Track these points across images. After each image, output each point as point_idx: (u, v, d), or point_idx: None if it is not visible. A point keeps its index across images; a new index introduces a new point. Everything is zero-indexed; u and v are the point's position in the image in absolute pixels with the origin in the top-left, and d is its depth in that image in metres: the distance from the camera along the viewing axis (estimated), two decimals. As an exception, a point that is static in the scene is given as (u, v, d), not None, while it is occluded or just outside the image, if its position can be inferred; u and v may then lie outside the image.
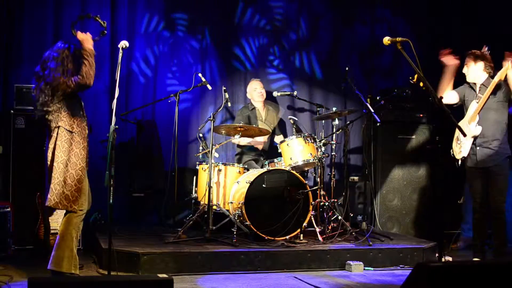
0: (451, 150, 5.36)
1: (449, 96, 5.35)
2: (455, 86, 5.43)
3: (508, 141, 5.24)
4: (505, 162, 5.20)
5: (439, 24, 7.49)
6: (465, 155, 5.21)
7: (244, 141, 6.38)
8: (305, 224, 5.51)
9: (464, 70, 5.34)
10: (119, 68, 4.17)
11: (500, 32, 6.95)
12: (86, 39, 4.35)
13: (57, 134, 4.26)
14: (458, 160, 5.29)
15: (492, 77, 5.20)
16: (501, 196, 5.19)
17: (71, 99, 4.31)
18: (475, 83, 5.31)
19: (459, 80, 5.44)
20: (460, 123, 5.26)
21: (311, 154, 5.73)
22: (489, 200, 5.24)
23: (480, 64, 5.25)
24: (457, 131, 5.20)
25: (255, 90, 6.53)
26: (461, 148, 5.23)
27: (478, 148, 5.17)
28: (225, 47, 7.04)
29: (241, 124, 5.77)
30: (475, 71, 5.28)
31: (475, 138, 5.17)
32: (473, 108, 5.23)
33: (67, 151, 4.24)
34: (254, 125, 6.35)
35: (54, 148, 4.24)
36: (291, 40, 7.25)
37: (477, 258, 5.29)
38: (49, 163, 4.27)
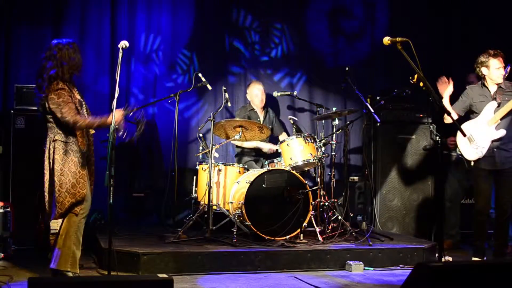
0: (457, 149, 5.33)
1: (458, 113, 5.34)
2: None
3: None
4: None
5: (439, 25, 7.50)
6: (481, 156, 5.18)
7: (249, 144, 6.38)
8: (305, 224, 5.50)
9: (485, 71, 5.23)
10: (119, 68, 4.17)
11: (500, 32, 6.96)
12: (118, 117, 4.24)
13: (54, 148, 4.26)
14: (470, 161, 5.25)
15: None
16: (509, 196, 5.20)
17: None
18: (488, 83, 5.26)
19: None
20: (473, 124, 5.23)
21: (311, 154, 5.73)
22: (497, 199, 5.25)
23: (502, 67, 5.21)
24: (466, 132, 5.15)
25: (256, 96, 6.51)
26: (476, 149, 5.18)
27: (496, 150, 5.15)
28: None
29: (240, 121, 5.76)
30: (500, 72, 5.20)
31: (493, 140, 5.15)
32: (491, 108, 5.17)
33: (66, 162, 4.24)
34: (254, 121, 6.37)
35: (53, 162, 4.25)
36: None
37: (477, 258, 5.29)
38: (46, 173, 4.29)
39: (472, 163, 5.23)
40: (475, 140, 5.16)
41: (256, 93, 6.53)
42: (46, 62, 4.30)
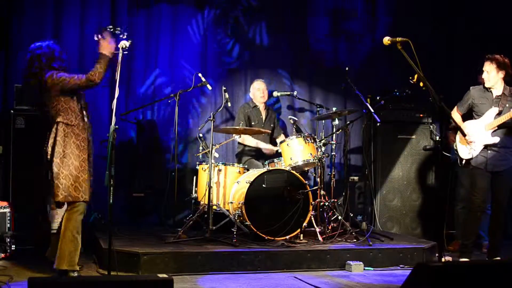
0: (454, 145, 5.35)
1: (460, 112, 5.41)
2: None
3: None
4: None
5: (442, 25, 7.51)
6: (473, 157, 5.21)
7: (250, 142, 6.40)
8: (305, 224, 5.50)
9: (484, 76, 5.26)
10: (119, 68, 4.17)
11: (503, 32, 6.96)
12: (104, 45, 4.34)
13: (57, 129, 4.31)
14: (463, 159, 5.29)
15: (508, 83, 5.26)
16: (506, 197, 5.27)
17: (67, 94, 4.35)
18: (491, 87, 5.28)
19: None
20: (473, 124, 5.25)
21: (311, 154, 5.73)
22: (494, 198, 5.29)
23: (502, 73, 5.22)
24: (465, 131, 5.18)
25: (258, 90, 6.55)
26: (470, 149, 5.22)
27: (489, 151, 5.18)
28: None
29: (241, 125, 5.77)
30: (496, 79, 5.24)
31: (486, 145, 5.18)
32: (491, 114, 5.20)
33: (68, 145, 4.29)
34: (253, 124, 6.37)
35: (54, 144, 4.30)
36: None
37: (464, 258, 5.27)
38: (48, 157, 4.30)
39: (464, 161, 5.29)
40: (472, 140, 5.19)
41: (257, 87, 6.57)
42: (31, 64, 4.41)
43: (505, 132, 5.20)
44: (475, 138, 5.20)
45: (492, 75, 5.23)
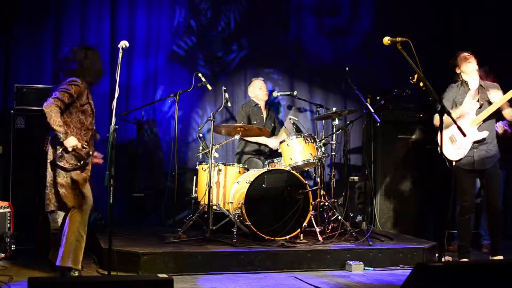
0: (439, 148, 5.33)
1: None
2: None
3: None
4: (498, 163, 5.29)
5: (439, 25, 7.50)
6: (462, 156, 5.20)
7: (251, 138, 6.40)
8: (305, 224, 5.50)
9: (465, 68, 5.26)
10: (119, 68, 4.17)
11: (499, 32, 6.96)
12: (74, 145, 4.28)
13: (52, 141, 4.33)
14: (452, 161, 5.27)
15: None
16: (498, 195, 5.29)
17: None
18: (468, 82, 5.29)
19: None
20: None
21: (311, 154, 5.73)
22: (487, 199, 5.31)
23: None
24: (447, 131, 5.18)
25: (260, 89, 6.53)
26: (459, 149, 5.21)
27: (475, 150, 5.18)
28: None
29: (241, 124, 5.77)
30: (477, 73, 5.28)
31: (475, 141, 5.17)
32: (473, 109, 5.20)
33: (61, 154, 4.29)
34: (254, 123, 6.37)
35: (54, 159, 4.32)
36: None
37: (464, 259, 5.28)
38: (48, 168, 4.33)
39: (454, 163, 5.26)
40: (457, 141, 5.19)
41: (260, 85, 6.55)
42: (68, 58, 4.39)
43: (488, 127, 5.18)
44: (460, 138, 5.14)
45: (475, 68, 5.27)
